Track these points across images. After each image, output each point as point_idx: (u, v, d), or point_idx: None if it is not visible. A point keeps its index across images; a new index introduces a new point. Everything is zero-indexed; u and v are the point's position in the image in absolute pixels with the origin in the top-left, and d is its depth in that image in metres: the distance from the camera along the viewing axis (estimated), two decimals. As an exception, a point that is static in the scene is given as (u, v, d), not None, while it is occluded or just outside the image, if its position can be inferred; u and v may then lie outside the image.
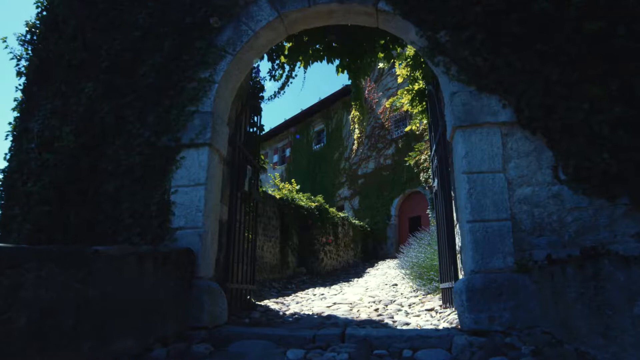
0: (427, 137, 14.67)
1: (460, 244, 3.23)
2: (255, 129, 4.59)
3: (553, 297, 2.35)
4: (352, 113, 4.94)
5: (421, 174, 15.88)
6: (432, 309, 3.83)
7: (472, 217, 2.81)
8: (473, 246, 2.74)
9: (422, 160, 16.09)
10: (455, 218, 3.33)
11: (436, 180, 3.94)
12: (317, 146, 21.60)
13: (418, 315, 3.63)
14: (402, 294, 5.30)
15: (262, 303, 4.93)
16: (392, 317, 3.55)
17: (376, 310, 4.02)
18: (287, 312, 4.16)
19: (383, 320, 3.38)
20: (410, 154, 10.29)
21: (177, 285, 2.84)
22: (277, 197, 9.86)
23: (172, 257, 2.81)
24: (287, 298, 5.79)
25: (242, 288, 3.96)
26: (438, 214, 3.96)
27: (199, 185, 3.28)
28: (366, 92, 19.65)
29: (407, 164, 11.62)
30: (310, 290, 7.26)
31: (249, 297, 4.87)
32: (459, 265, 3.24)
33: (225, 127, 3.66)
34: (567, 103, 2.90)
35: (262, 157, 4.79)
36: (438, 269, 4.58)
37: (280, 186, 10.83)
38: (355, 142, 5.18)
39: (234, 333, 2.86)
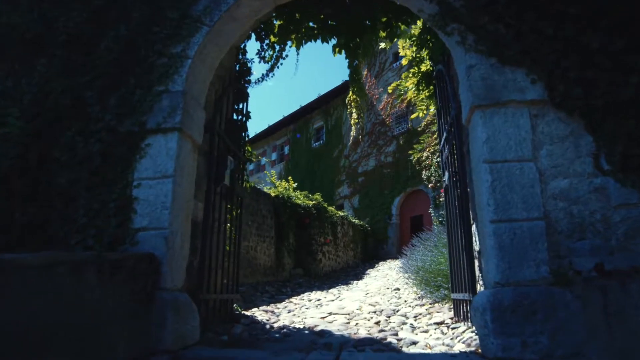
0: (434, 128, 14.13)
1: (478, 248, 2.70)
2: (240, 116, 4.06)
3: (606, 319, 1.83)
4: (349, 96, 4.39)
5: (423, 172, 15.33)
6: (441, 322, 3.31)
7: (496, 215, 2.27)
8: (498, 252, 2.21)
9: (424, 158, 15.56)
10: (471, 217, 2.80)
11: (446, 173, 3.40)
12: (317, 143, 21.07)
13: (426, 331, 3.10)
14: (405, 301, 4.77)
15: (249, 312, 4.40)
16: (396, 334, 3.02)
17: (377, 323, 3.49)
18: (276, 325, 3.63)
19: (386, 339, 2.84)
20: (415, 146, 9.77)
21: (133, 299, 2.31)
22: (273, 195, 9.33)
23: (126, 265, 2.28)
24: (279, 305, 5.27)
25: (223, 298, 3.43)
26: (449, 212, 3.43)
27: (166, 178, 2.74)
28: (366, 87, 19.11)
29: (412, 157, 10.96)
30: (306, 295, 6.74)
31: (235, 305, 4.35)
32: (477, 273, 2.71)
33: (201, 110, 3.13)
34: (610, 77, 2.38)
35: (249, 148, 4.26)
36: (447, 275, 4.05)
37: (277, 184, 10.29)
38: (353, 129, 4.60)
39: (204, 358, 2.34)
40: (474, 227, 2.75)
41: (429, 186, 14.63)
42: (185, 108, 2.89)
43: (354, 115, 4.47)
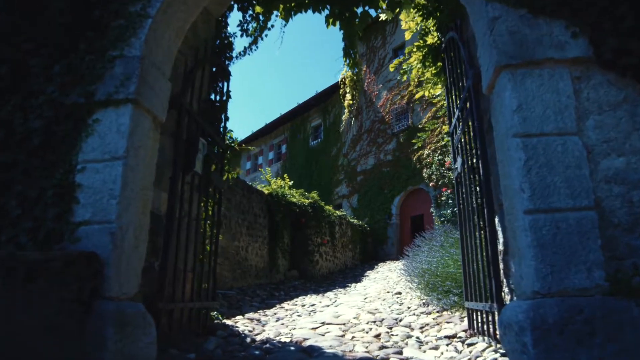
0: (435, 125, 13.60)
1: (503, 247, 2.18)
2: (220, 96, 3.53)
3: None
4: (342, 74, 3.86)
5: (424, 170, 14.80)
6: (453, 336, 2.78)
7: (532, 204, 1.75)
8: (537, 252, 1.68)
9: (425, 156, 15.03)
10: (495, 207, 2.27)
11: (458, 159, 2.88)
12: (314, 142, 20.54)
13: (436, 348, 2.57)
14: (408, 307, 4.24)
15: (232, 321, 3.87)
16: (400, 352, 2.48)
17: (377, 336, 2.96)
18: (258, 338, 3.09)
19: (388, 359, 2.31)
20: (419, 134, 9.20)
21: (62, 312, 1.78)
22: (266, 192, 8.79)
23: (51, 268, 1.74)
24: (268, 312, 4.73)
25: (195, 307, 2.90)
26: (462, 205, 2.90)
27: (115, 160, 2.21)
28: (365, 84, 18.61)
29: (415, 147, 10.18)
30: (299, 300, 6.20)
31: (215, 313, 3.82)
32: (503, 279, 2.18)
33: (166, 82, 2.60)
34: (676, 28, 1.86)
35: (231, 134, 3.73)
36: (458, 280, 3.52)
37: (272, 182, 9.75)
38: (346, 111, 4.07)
39: (154, 388, 1.81)
40: (498, 221, 2.22)
41: (430, 185, 14.10)
42: (142, 76, 2.36)
43: (348, 97, 3.96)
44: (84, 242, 2.10)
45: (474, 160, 2.51)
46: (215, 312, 3.85)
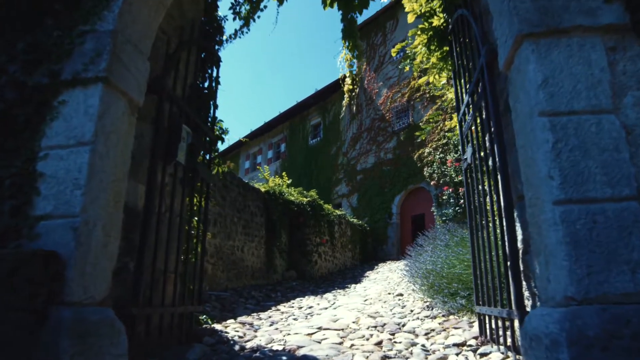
0: (437, 121, 13.31)
1: (522, 246, 1.91)
2: (209, 82, 3.27)
3: None
4: (340, 56, 3.59)
5: (425, 169, 14.53)
6: (463, 344, 2.51)
7: (563, 193, 1.48)
8: (570, 250, 1.41)
9: (426, 154, 14.76)
10: (514, 198, 1.99)
11: (469, 148, 2.61)
12: (314, 141, 20.28)
13: (445, 358, 2.30)
14: (412, 311, 3.97)
15: (222, 325, 3.61)
16: (405, 362, 2.22)
17: (379, 344, 2.69)
18: (248, 345, 2.83)
19: (391, 371, 2.05)
20: (423, 126, 8.98)
21: (8, 323, 1.51)
22: (263, 190, 8.53)
23: (-5, 270, 1.48)
24: (262, 315, 4.46)
25: (178, 312, 2.63)
26: (473, 198, 2.63)
27: (82, 146, 1.95)
28: (365, 81, 18.34)
29: (419, 139, 9.72)
30: (296, 301, 5.94)
31: (204, 317, 3.57)
32: (523, 281, 1.91)
33: (144, 61, 2.34)
34: None
35: (221, 124, 3.45)
36: (465, 281, 3.27)
37: (270, 180, 9.47)
38: (346, 96, 3.79)
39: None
40: (517, 214, 1.95)
41: (432, 184, 13.83)
42: (115, 52, 2.10)
43: (348, 81, 3.68)
44: (44, 239, 1.83)
45: (488, 148, 2.24)
46: (204, 316, 3.59)
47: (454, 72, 3.04)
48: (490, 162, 2.21)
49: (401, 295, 5.42)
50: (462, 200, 12.18)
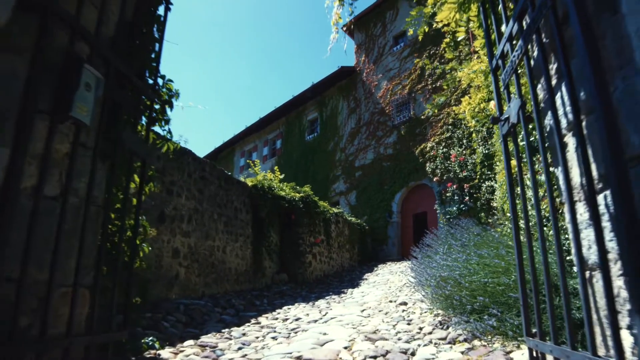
0: (438, 117, 12.39)
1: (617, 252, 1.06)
2: (150, 25, 2.42)
3: None
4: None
5: (427, 164, 13.66)
6: (505, 393, 1.67)
7: None
8: None
9: (428, 149, 13.90)
10: (596, 176, 1.14)
11: (513, 102, 1.76)
12: (310, 136, 19.46)
13: None
14: (420, 328, 3.13)
15: (176, 349, 2.76)
16: None
17: (380, 392, 1.85)
18: (193, 389, 1.98)
19: None
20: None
21: None
22: (250, 184, 7.68)
23: None
24: (234, 331, 3.62)
25: (95, 343, 1.78)
26: (516, 177, 1.79)
27: None
28: (364, 74, 17.51)
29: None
30: (282, 311, 5.10)
31: (151, 340, 2.73)
32: (619, 305, 1.07)
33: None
34: None
35: (170, 86, 2.60)
36: (495, 294, 2.43)
37: (259, 174, 8.62)
38: (334, 29, 3.02)
39: None
40: (605, 201, 1.10)
41: (434, 180, 12.98)
42: None
43: (335, 15, 2.84)
44: None
45: (562, 95, 1.39)
46: (150, 339, 2.74)
47: (482, 4, 2.18)
48: (569, 117, 1.36)
49: (405, 304, 4.58)
50: (467, 197, 11.37)
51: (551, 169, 1.56)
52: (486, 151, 9.16)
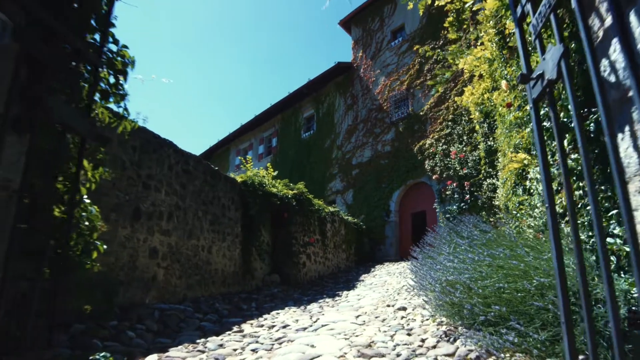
0: (438, 113, 11.93)
1: None
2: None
3: None
4: None
5: (426, 162, 13.23)
6: None
7: None
8: None
9: (427, 146, 13.48)
10: None
11: (551, 51, 1.33)
12: (307, 134, 19.01)
13: None
14: (422, 340, 2.70)
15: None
16: None
17: None
18: None
19: None
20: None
21: None
22: (239, 180, 7.24)
23: None
24: (210, 342, 3.18)
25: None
26: (547, 150, 1.36)
27: None
28: (362, 70, 17.08)
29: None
30: (270, 316, 4.66)
31: (103, 355, 2.28)
32: None
33: None
34: None
35: (125, 53, 2.16)
36: (512, 302, 2.00)
37: (251, 171, 8.16)
38: None
39: None
40: None
41: (433, 177, 12.56)
42: None
43: None
44: None
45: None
46: (103, 354, 2.31)
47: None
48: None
49: (404, 309, 4.15)
50: (467, 196, 10.96)
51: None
52: (487, 148, 8.76)
